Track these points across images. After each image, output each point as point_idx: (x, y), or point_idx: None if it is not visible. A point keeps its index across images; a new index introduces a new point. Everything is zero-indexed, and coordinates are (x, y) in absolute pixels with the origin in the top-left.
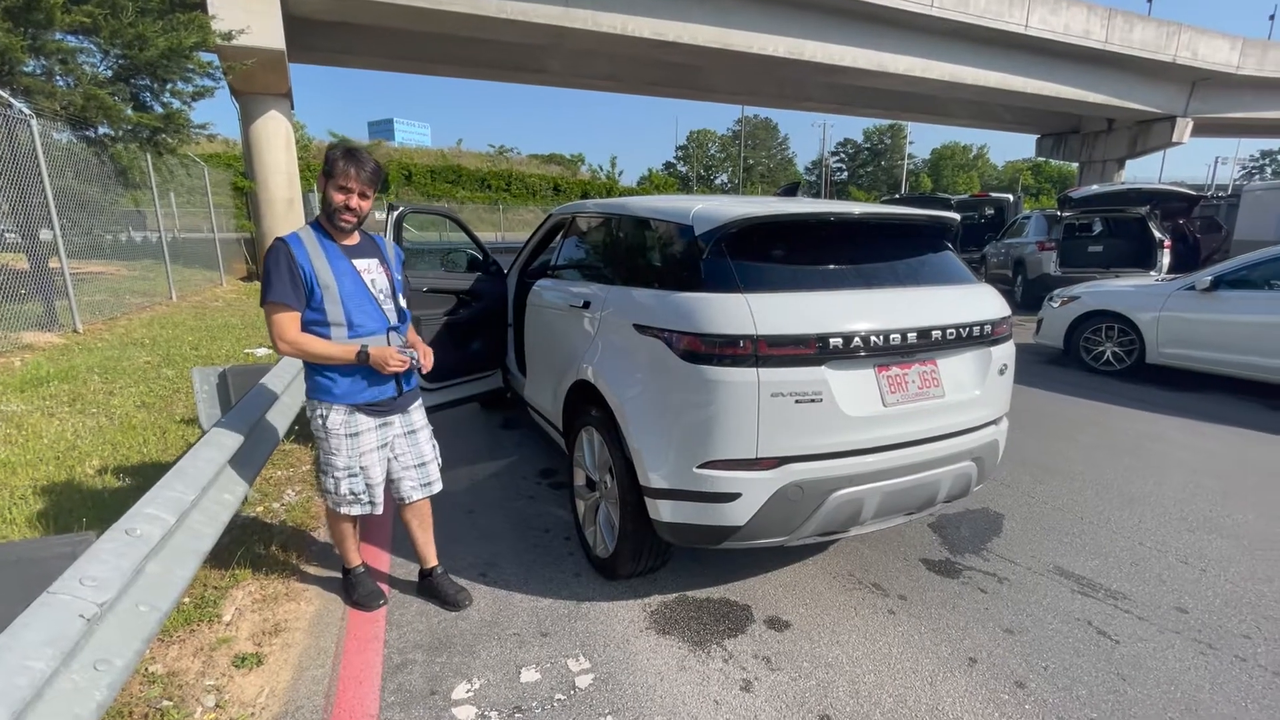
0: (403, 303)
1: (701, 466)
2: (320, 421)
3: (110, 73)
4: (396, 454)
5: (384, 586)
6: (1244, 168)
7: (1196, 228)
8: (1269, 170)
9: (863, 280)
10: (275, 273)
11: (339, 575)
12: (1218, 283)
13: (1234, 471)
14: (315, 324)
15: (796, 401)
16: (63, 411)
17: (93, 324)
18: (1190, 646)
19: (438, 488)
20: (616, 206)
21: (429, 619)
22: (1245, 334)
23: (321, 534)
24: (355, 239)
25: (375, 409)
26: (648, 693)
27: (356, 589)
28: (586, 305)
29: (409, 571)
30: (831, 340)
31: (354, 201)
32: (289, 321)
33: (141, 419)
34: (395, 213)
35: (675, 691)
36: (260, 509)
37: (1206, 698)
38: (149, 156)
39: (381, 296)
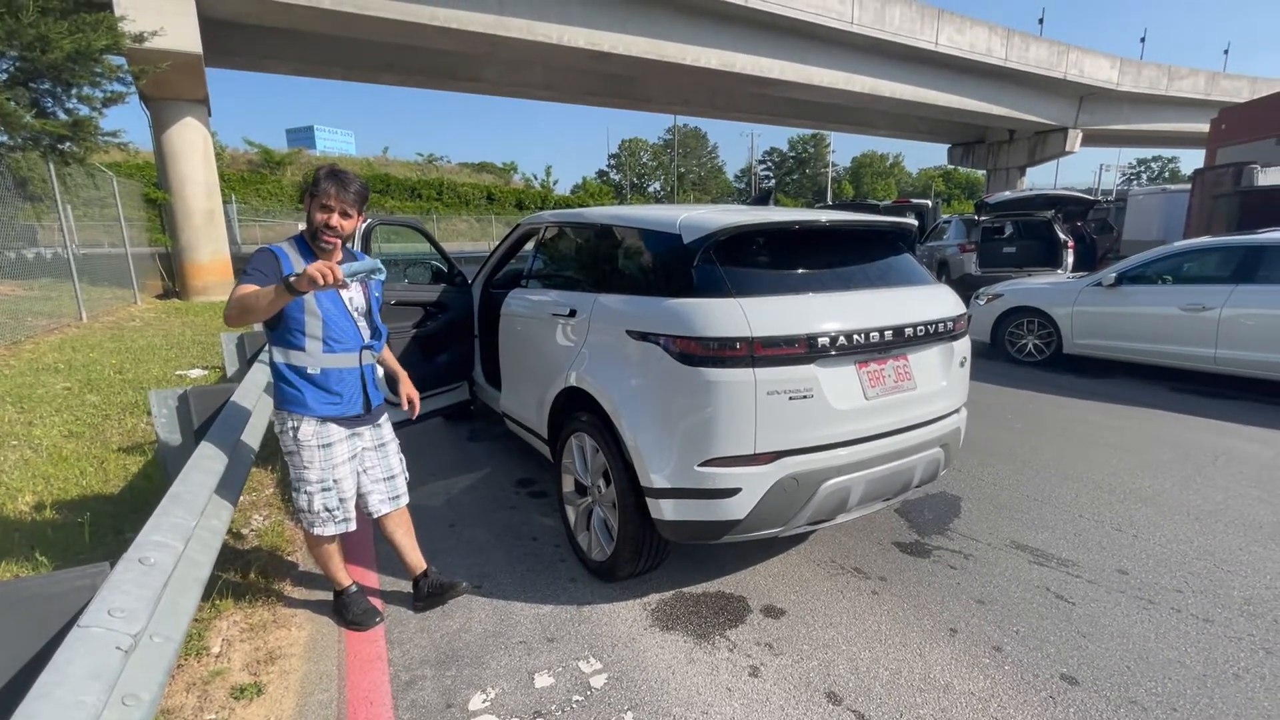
0: (379, 321)
1: (703, 464)
2: (291, 434)
3: (5, 76)
4: (365, 468)
5: (377, 603)
6: (1124, 175)
7: (1092, 229)
8: (1144, 177)
9: (840, 283)
10: (256, 265)
11: (326, 598)
12: (1120, 279)
13: (1147, 447)
14: (293, 333)
15: (790, 398)
16: None
17: None
18: (1134, 603)
19: (405, 501)
20: (597, 216)
21: (430, 634)
22: (1145, 324)
23: (298, 557)
24: (338, 256)
25: (347, 420)
26: (662, 686)
27: (350, 609)
28: (572, 314)
29: (400, 586)
30: (820, 340)
31: (335, 220)
32: (244, 287)
33: (73, 449)
34: (364, 225)
35: (688, 683)
36: (229, 536)
37: (1153, 646)
38: (51, 166)
39: (357, 315)
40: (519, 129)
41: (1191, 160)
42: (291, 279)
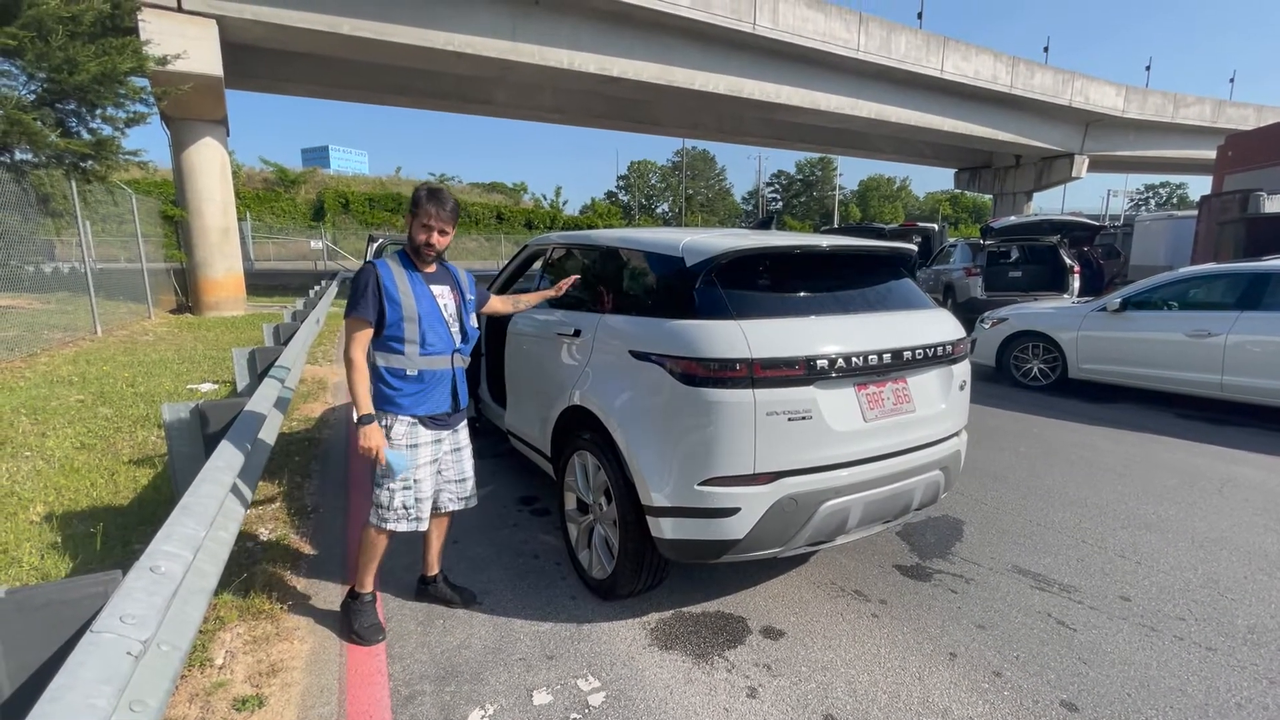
0: (472, 323)
1: (702, 484)
2: (385, 433)
3: (33, 96)
4: (441, 469)
5: (381, 618)
6: (1132, 200)
7: (1099, 254)
8: (1153, 202)
9: (840, 306)
10: (360, 292)
11: (329, 611)
12: (1125, 304)
13: (1153, 473)
14: (393, 340)
15: (789, 419)
16: None
17: (10, 361)
18: (1136, 631)
19: (474, 503)
20: (602, 238)
21: (431, 649)
22: (1150, 350)
23: (303, 569)
24: (433, 267)
25: (434, 421)
26: (660, 706)
27: (360, 618)
28: (577, 334)
29: (400, 605)
30: (819, 362)
31: (435, 238)
32: (361, 339)
33: (84, 461)
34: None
35: (686, 703)
36: (235, 548)
37: (1155, 674)
38: (74, 183)
39: (450, 320)
40: (529, 150)
41: (1199, 186)
42: (360, 433)
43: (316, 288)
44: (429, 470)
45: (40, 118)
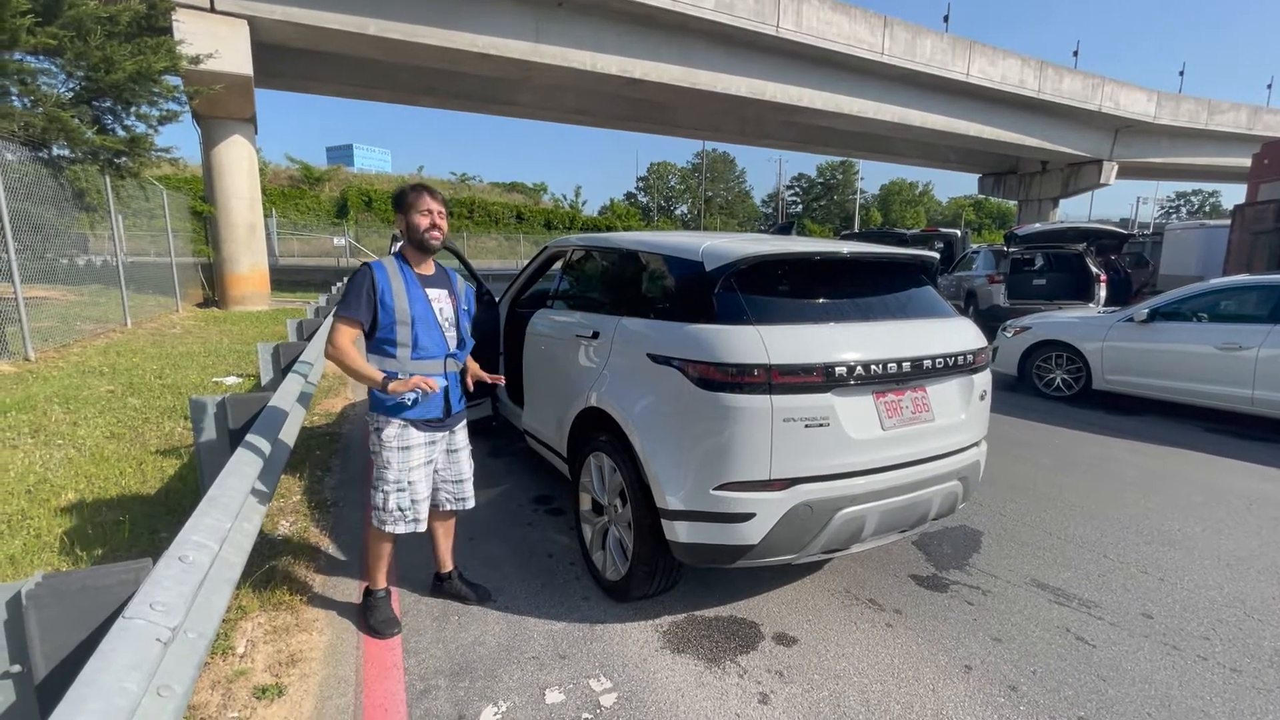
0: (465, 331)
1: (718, 488)
2: (377, 435)
3: (71, 94)
4: (438, 469)
5: (396, 612)
6: (1163, 207)
7: (1127, 263)
8: (1184, 210)
9: (859, 313)
10: (353, 291)
11: (348, 604)
12: (1153, 315)
13: (1178, 489)
14: (385, 343)
15: (806, 426)
16: (26, 443)
17: (44, 351)
18: (1158, 648)
19: (470, 505)
20: (622, 241)
21: (446, 645)
22: (1178, 362)
23: (322, 562)
24: (430, 269)
25: (426, 425)
26: (671, 709)
27: (375, 613)
28: (595, 335)
29: (416, 601)
30: (837, 369)
31: (437, 219)
32: (345, 334)
33: (113, 450)
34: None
35: (697, 707)
36: (257, 540)
37: (1177, 694)
38: (108, 179)
39: (446, 324)
40: (550, 151)
41: (1233, 194)
42: (389, 388)
43: (339, 284)
44: (423, 472)
45: (77, 115)
